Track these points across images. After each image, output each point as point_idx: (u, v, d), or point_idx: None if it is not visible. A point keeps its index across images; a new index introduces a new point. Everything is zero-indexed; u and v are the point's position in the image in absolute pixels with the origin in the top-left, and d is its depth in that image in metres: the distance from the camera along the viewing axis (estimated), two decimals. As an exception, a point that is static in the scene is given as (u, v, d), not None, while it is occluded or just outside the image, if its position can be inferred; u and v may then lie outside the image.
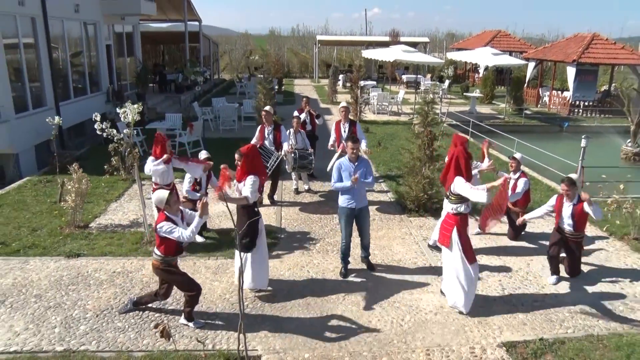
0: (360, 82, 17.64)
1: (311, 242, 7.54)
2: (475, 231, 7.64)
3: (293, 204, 9.23)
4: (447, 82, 25.88)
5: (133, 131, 7.69)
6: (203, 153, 7.55)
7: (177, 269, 5.26)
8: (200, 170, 7.13)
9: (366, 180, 6.23)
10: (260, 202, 8.19)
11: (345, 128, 9.09)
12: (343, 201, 6.31)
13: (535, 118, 20.10)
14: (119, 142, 8.61)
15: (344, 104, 9.52)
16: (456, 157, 5.49)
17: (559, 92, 22.70)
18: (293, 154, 8.93)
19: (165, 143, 6.99)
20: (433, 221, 8.35)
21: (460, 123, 16.96)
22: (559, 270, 6.52)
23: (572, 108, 21.35)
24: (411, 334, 5.28)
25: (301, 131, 9.54)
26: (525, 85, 23.26)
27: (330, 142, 9.30)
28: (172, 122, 13.88)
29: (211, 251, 7.14)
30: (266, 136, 8.92)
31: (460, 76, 32.58)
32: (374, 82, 26.77)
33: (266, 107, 9.25)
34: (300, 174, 9.83)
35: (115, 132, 7.37)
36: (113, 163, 10.01)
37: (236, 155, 6.00)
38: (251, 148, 5.86)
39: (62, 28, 14.12)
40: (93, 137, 13.79)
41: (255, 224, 5.61)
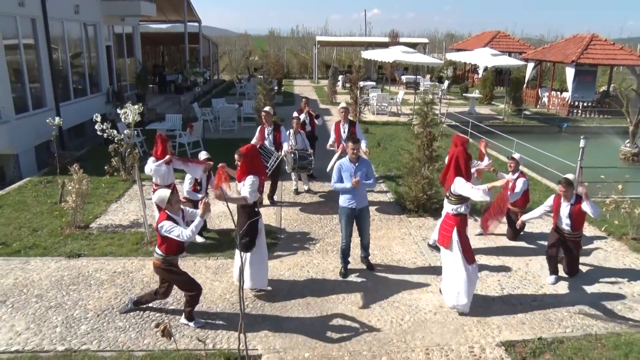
0: (359, 83, 17.66)
1: (311, 242, 7.57)
2: (477, 231, 7.67)
3: (293, 204, 9.26)
4: (447, 83, 25.93)
5: (133, 132, 7.73)
6: (203, 154, 7.58)
7: (178, 269, 5.28)
8: (200, 170, 7.17)
9: (367, 181, 6.26)
10: (260, 203, 8.21)
11: (344, 129, 9.11)
12: (344, 201, 6.33)
13: (534, 119, 20.14)
14: (120, 143, 8.63)
15: (344, 105, 9.54)
16: (456, 158, 5.52)
17: (558, 93, 22.74)
18: (293, 155, 8.96)
19: (166, 144, 7.03)
20: (432, 221, 8.39)
21: (459, 124, 17.00)
22: (558, 270, 6.55)
23: (571, 109, 21.39)
24: (411, 334, 5.31)
25: (301, 132, 9.57)
26: (524, 85, 23.29)
27: (329, 142, 9.32)
28: (172, 123, 13.91)
29: (211, 251, 7.17)
30: (266, 136, 8.95)
31: (459, 77, 32.63)
32: (374, 83, 26.81)
33: (266, 108, 9.28)
34: (300, 175, 9.85)
35: (115, 133, 7.40)
36: (113, 164, 10.04)
37: (236, 155, 6.03)
38: (250, 148, 5.87)
39: (62, 29, 14.15)
40: (93, 138, 13.82)
41: (255, 224, 5.64)
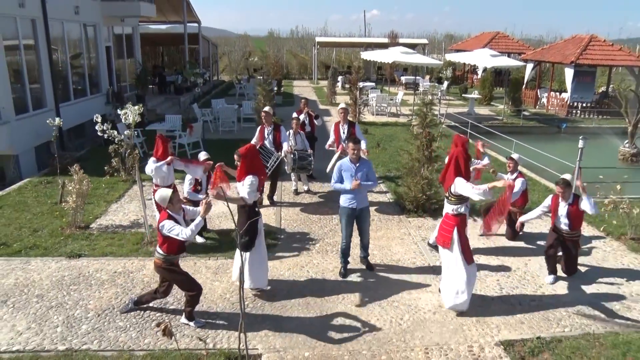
0: (359, 84, 17.70)
1: (311, 243, 7.59)
2: (479, 233, 7.68)
3: (292, 205, 9.28)
4: (446, 84, 25.97)
5: (133, 132, 7.75)
6: (202, 154, 7.60)
7: (179, 268, 5.31)
8: (200, 170, 7.20)
9: (367, 182, 6.29)
10: (260, 203, 8.24)
11: (344, 129, 9.13)
12: (344, 201, 6.36)
13: (533, 119, 20.17)
14: (120, 144, 8.65)
15: (343, 105, 9.56)
16: (456, 158, 5.53)
17: (557, 94, 22.77)
18: (292, 155, 8.98)
19: (166, 144, 7.05)
20: (432, 221, 8.42)
21: (458, 124, 17.03)
22: (557, 270, 6.58)
23: (570, 109, 21.42)
24: (410, 333, 5.33)
25: (300, 132, 9.59)
26: (523, 86, 23.34)
27: (328, 143, 9.33)
28: (172, 124, 13.93)
29: (211, 251, 7.19)
30: (266, 136, 8.98)
31: (458, 77, 32.67)
32: (373, 84, 26.82)
33: (265, 108, 9.31)
34: (299, 175, 9.88)
35: (116, 134, 7.42)
36: (113, 164, 10.05)
37: (235, 156, 6.04)
38: (249, 148, 5.88)
39: (62, 30, 14.18)
40: (93, 139, 13.86)
41: (255, 224, 5.66)
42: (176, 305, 5.74)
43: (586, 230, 8.03)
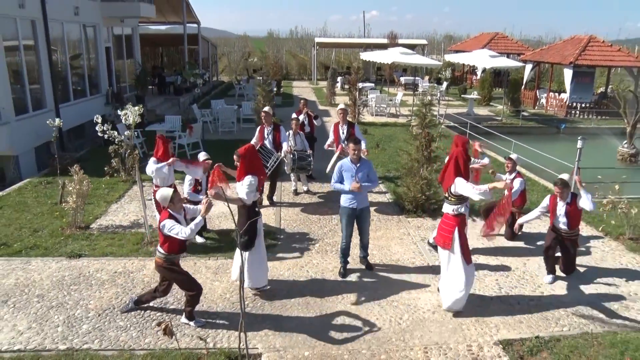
0: (358, 84, 17.73)
1: (310, 243, 7.61)
2: (481, 234, 7.68)
3: (292, 205, 9.31)
4: (445, 84, 25.99)
5: (133, 133, 7.77)
6: (202, 154, 7.62)
7: (179, 268, 5.33)
8: (200, 171, 7.22)
9: (367, 183, 6.32)
10: (260, 203, 8.26)
11: (343, 130, 9.15)
12: (345, 201, 6.39)
13: (532, 120, 20.20)
14: (120, 144, 8.68)
15: (342, 106, 9.57)
16: (455, 158, 5.55)
17: (556, 94, 22.80)
18: (292, 155, 9.00)
19: (167, 145, 7.08)
20: (431, 222, 8.45)
21: (458, 125, 17.06)
22: (555, 269, 6.61)
23: (569, 110, 21.46)
24: (409, 332, 5.36)
25: (300, 133, 9.61)
26: (522, 87, 23.38)
27: (327, 143, 9.34)
28: (172, 124, 13.95)
29: (211, 251, 7.22)
30: (265, 136, 9.00)
31: (458, 78, 32.69)
32: (372, 84, 26.85)
33: (265, 108, 9.33)
34: (299, 175, 9.90)
35: (116, 134, 7.45)
36: (113, 165, 10.07)
37: (234, 156, 6.06)
38: (248, 149, 5.89)
39: (62, 30, 14.20)
40: (92, 139, 13.88)
41: (254, 224, 5.67)
42: (176, 305, 5.76)
43: (585, 230, 8.07)
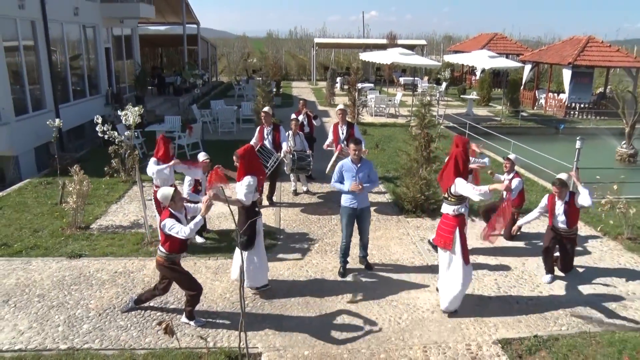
0: (357, 85, 17.75)
1: (310, 243, 7.64)
2: (481, 238, 7.69)
3: (292, 205, 9.33)
4: (444, 85, 26.02)
5: (133, 133, 7.79)
6: (202, 154, 7.64)
7: (180, 267, 5.35)
8: (200, 171, 7.23)
9: (368, 184, 6.35)
10: (259, 203, 8.27)
11: (343, 130, 9.18)
12: (345, 201, 6.41)
13: (531, 120, 20.24)
14: (119, 145, 8.70)
15: (341, 107, 9.58)
16: (455, 158, 5.56)
17: (555, 95, 22.85)
18: (292, 156, 9.03)
19: (168, 145, 7.10)
20: (430, 222, 8.47)
21: (457, 125, 17.09)
22: (554, 269, 6.64)
23: (568, 110, 21.50)
24: (409, 332, 5.38)
25: (299, 133, 9.63)
26: (521, 87, 23.42)
27: (326, 143, 9.35)
28: (171, 125, 13.97)
29: (211, 251, 7.24)
30: (265, 137, 9.03)
31: (457, 78, 32.72)
32: (372, 85, 26.89)
33: (265, 108, 9.36)
34: (298, 176, 9.93)
35: (116, 135, 7.47)
36: (113, 165, 10.09)
37: (234, 157, 6.07)
38: (247, 149, 5.89)
39: (62, 31, 14.22)
40: (92, 140, 13.90)
41: (254, 224, 5.69)
42: (176, 304, 5.79)
43: (583, 230, 8.10)
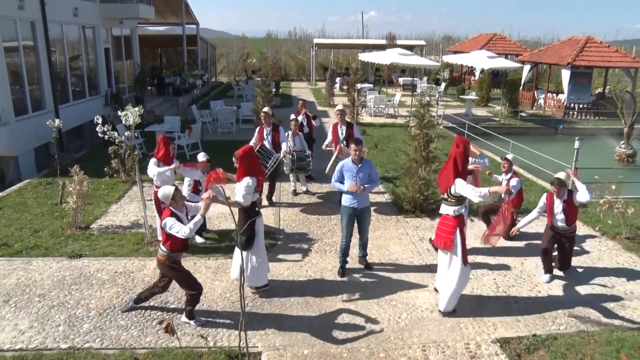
0: (357, 85, 17.78)
1: (309, 243, 7.66)
2: (482, 243, 7.72)
3: (291, 205, 9.36)
4: (444, 85, 26.05)
5: (133, 134, 7.82)
6: (201, 155, 7.65)
7: (181, 266, 5.37)
8: (198, 172, 7.25)
9: (369, 184, 6.38)
10: (259, 203, 8.30)
11: (342, 130, 9.20)
12: (346, 200, 6.44)
13: (530, 120, 20.28)
14: (119, 145, 8.71)
15: (340, 107, 9.58)
16: (454, 159, 5.58)
17: (554, 95, 22.89)
18: (291, 156, 9.05)
19: (169, 146, 7.11)
20: (429, 221, 8.50)
21: (456, 125, 17.12)
22: (552, 269, 6.66)
23: (567, 110, 21.55)
24: (408, 331, 5.41)
25: (299, 133, 9.66)
26: (520, 87, 23.47)
27: (325, 143, 9.36)
28: (171, 125, 13.99)
29: (211, 251, 7.26)
30: (265, 137, 9.05)
31: (456, 79, 32.76)
32: (371, 85, 26.91)
33: (265, 109, 9.38)
34: (298, 176, 9.95)
35: (116, 135, 7.49)
36: (113, 165, 10.11)
37: (233, 158, 6.08)
38: (246, 150, 5.88)
39: (61, 32, 14.23)
40: (92, 140, 13.92)
41: (253, 224, 5.71)
42: (177, 304, 5.81)
43: (582, 229, 8.13)
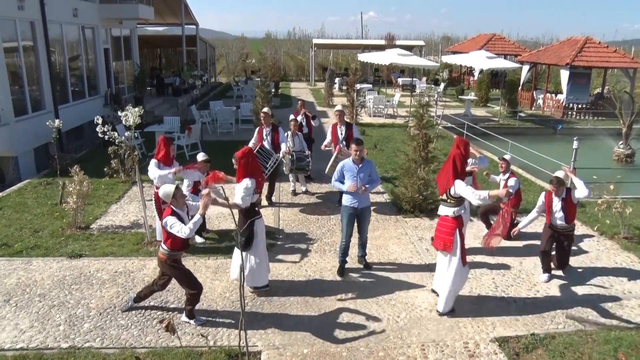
0: (356, 85, 17.81)
1: (309, 242, 7.68)
2: (482, 246, 7.74)
3: (291, 205, 9.38)
4: (443, 85, 26.10)
5: (133, 134, 7.83)
6: (201, 155, 7.66)
7: (182, 265, 5.39)
8: (198, 173, 7.26)
9: (370, 184, 6.41)
10: (259, 203, 8.32)
11: (341, 130, 9.22)
12: (346, 200, 6.47)
13: (529, 120, 20.32)
14: (119, 145, 8.73)
15: (339, 107, 9.60)
16: (453, 159, 5.60)
17: (553, 95, 22.94)
18: (291, 156, 9.07)
19: (169, 147, 7.12)
20: (428, 221, 8.53)
21: (455, 125, 17.16)
22: (551, 268, 6.69)
23: (566, 110, 21.59)
24: (407, 330, 5.43)
25: (298, 134, 9.68)
26: (519, 88, 23.51)
27: (324, 143, 9.36)
28: (170, 125, 14.00)
29: (211, 251, 7.28)
30: (264, 137, 9.07)
31: (455, 79, 32.80)
32: (370, 85, 26.93)
33: (264, 109, 9.41)
34: (297, 176, 9.98)
35: (116, 135, 7.51)
36: (113, 166, 10.13)
37: (233, 160, 6.09)
38: (245, 151, 5.89)
39: (61, 32, 14.25)
40: (91, 140, 13.94)
41: (252, 224, 5.73)
42: (177, 304, 5.83)
43: (580, 229, 8.16)
